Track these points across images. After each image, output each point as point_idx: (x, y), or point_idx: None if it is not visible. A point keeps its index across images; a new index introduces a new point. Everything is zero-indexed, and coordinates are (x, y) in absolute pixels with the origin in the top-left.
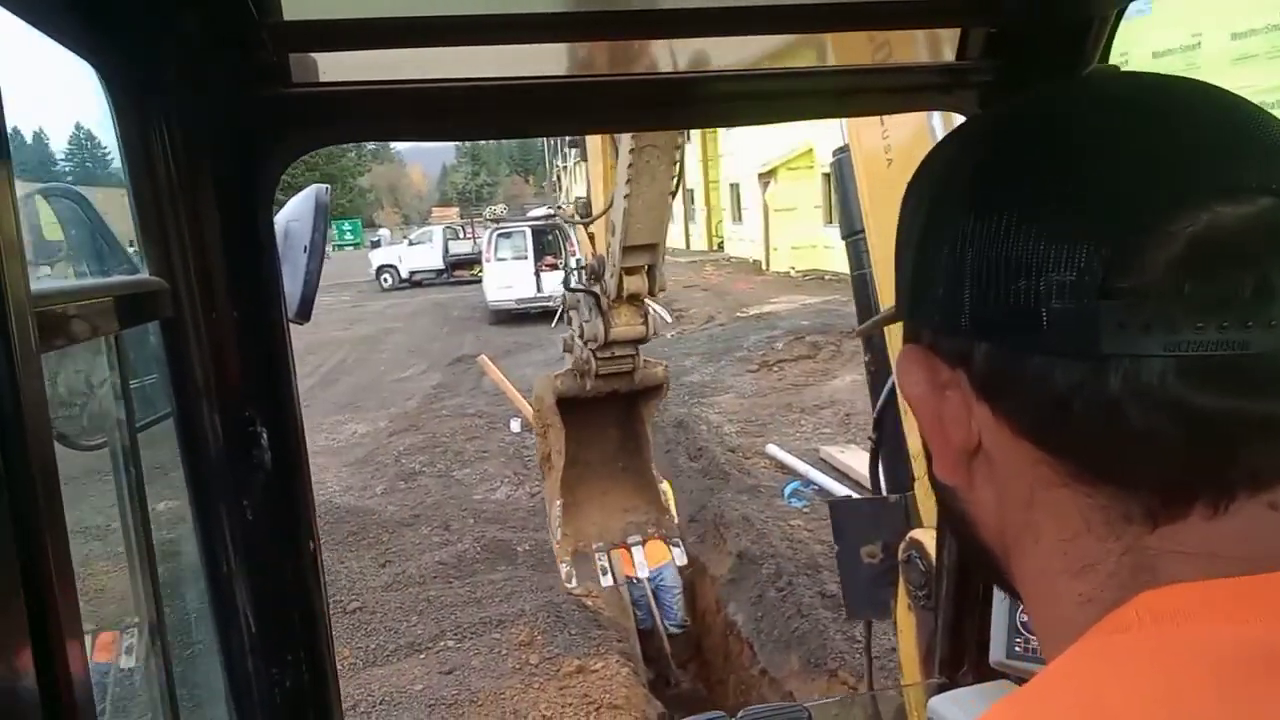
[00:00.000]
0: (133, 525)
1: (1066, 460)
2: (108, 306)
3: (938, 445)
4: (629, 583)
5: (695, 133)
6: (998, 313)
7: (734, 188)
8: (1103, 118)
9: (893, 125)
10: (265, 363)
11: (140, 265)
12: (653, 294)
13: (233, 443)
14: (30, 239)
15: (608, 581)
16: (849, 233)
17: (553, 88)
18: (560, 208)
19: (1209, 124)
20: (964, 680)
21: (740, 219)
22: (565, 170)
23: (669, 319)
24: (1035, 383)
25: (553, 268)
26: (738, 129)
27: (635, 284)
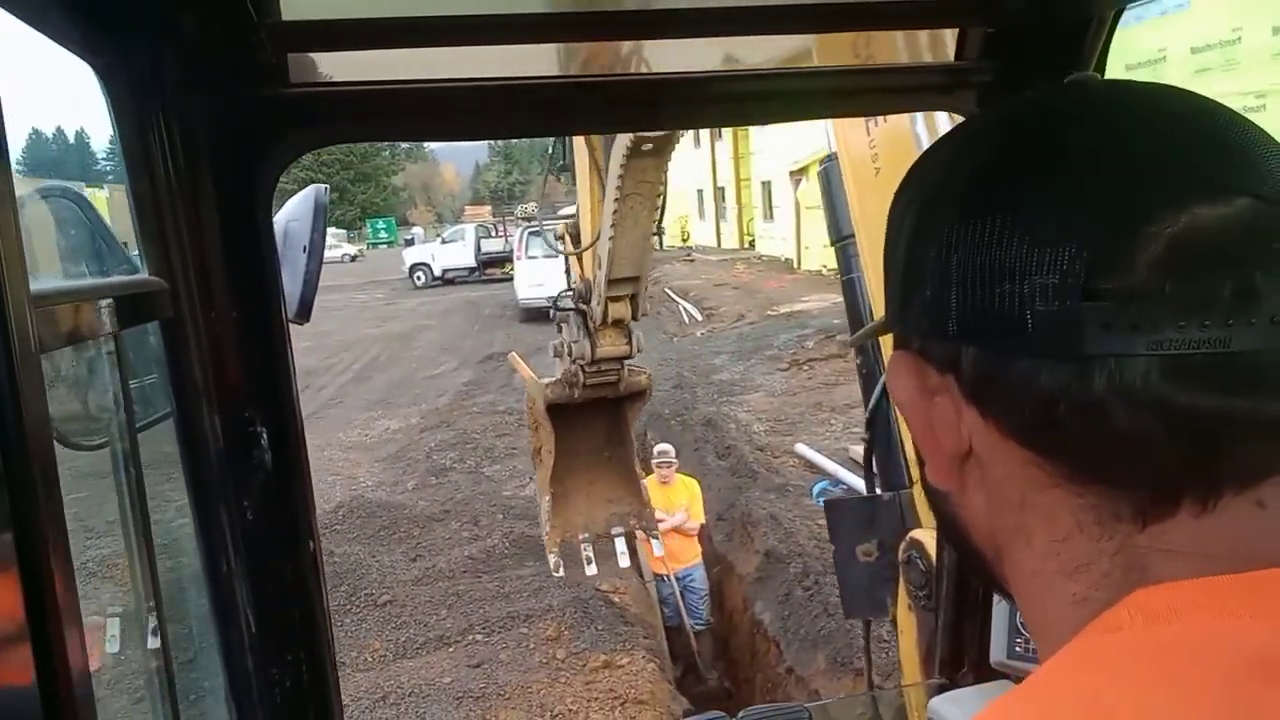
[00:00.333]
0: (133, 525)
1: (1056, 461)
2: (108, 307)
3: (929, 451)
4: (657, 580)
5: (726, 131)
6: (984, 317)
7: (765, 185)
8: (1083, 124)
9: (878, 134)
10: (265, 363)
11: (140, 265)
12: (635, 318)
13: (233, 443)
14: (30, 239)
15: (592, 570)
16: (837, 238)
17: (551, 88)
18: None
19: (1188, 129)
20: (964, 680)
21: (772, 217)
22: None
23: (699, 317)
24: (1022, 386)
25: None
26: (769, 126)
27: (619, 310)
